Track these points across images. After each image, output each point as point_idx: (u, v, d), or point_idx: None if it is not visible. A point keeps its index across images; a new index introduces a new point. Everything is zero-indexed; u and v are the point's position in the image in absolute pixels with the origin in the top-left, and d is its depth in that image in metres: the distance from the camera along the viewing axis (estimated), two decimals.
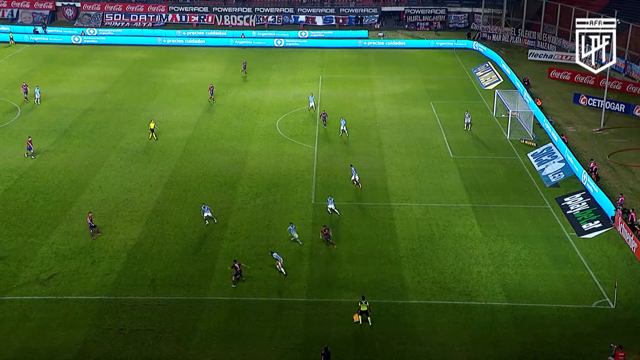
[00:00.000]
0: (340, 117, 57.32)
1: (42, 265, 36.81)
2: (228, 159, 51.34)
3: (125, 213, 42.71)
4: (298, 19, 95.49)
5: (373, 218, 42.82)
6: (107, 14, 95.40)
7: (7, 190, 45.22)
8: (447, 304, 34.36)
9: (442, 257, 38.43)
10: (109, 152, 52.19)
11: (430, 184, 47.67)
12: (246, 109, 63.00)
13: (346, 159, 51.58)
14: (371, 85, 71.59)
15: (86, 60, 79.55)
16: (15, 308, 33.12)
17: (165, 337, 31.46)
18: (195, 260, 37.76)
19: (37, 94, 61.90)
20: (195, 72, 75.37)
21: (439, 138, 56.34)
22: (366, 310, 32.44)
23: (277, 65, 78.70)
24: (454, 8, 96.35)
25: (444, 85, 71.80)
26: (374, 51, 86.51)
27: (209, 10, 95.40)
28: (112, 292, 34.66)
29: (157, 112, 61.51)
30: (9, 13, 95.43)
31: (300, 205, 44.27)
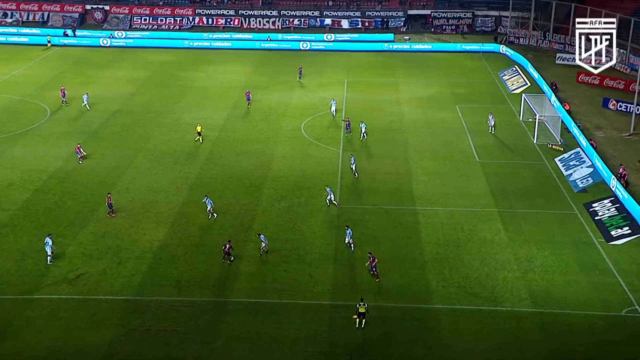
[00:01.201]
0: (360, 121, 57.30)
1: (70, 265, 37.28)
2: (254, 161, 51.56)
3: (151, 214, 43.09)
4: (324, 22, 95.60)
5: (398, 222, 42.68)
6: (135, 16, 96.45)
7: (37, 190, 45.90)
8: (472, 309, 34.10)
9: (467, 262, 38.17)
10: (136, 153, 52.73)
11: (455, 188, 47.39)
12: (272, 112, 63.23)
13: (371, 162, 51.54)
14: (397, 89, 71.41)
15: (114, 63, 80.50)
16: (44, 307, 33.59)
17: (191, 338, 31.66)
18: (220, 262, 37.92)
19: (85, 100, 61.88)
20: (222, 75, 75.86)
21: (465, 142, 56.00)
22: (364, 312, 32.26)
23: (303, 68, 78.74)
24: (480, 11, 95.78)
25: (470, 88, 71.38)
26: (400, 54, 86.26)
27: (236, 13, 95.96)
28: (138, 292, 34.98)
29: (184, 114, 62.03)
30: (40, 16, 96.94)
31: (324, 208, 44.27)
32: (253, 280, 36.21)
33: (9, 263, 37.23)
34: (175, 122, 60.19)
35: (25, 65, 78.33)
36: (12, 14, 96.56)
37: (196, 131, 55.67)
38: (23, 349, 30.64)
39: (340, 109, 63.82)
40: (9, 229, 40.84)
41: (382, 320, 33.17)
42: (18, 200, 44.45)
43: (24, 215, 42.48)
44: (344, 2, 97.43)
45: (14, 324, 32.18)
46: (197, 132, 55.51)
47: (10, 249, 38.60)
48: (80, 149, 50.71)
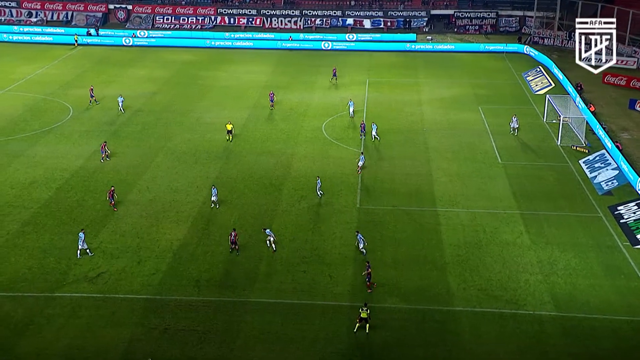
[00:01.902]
0: (372, 122, 57.21)
1: (90, 263, 37.62)
2: (274, 161, 51.65)
3: (171, 213, 43.34)
4: (346, 22, 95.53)
5: (418, 223, 42.50)
6: (157, 16, 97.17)
7: (59, 189, 46.39)
8: (493, 312, 33.85)
9: (488, 265, 37.89)
10: (156, 152, 53.09)
11: (477, 190, 47.09)
12: (292, 112, 63.31)
13: (392, 164, 51.39)
14: (418, 89, 71.14)
15: (136, 62, 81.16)
16: (65, 305, 33.92)
17: (209, 338, 31.78)
18: (239, 262, 38.05)
19: (121, 102, 61.69)
20: (243, 75, 76.14)
21: (487, 143, 55.62)
22: (366, 318, 31.99)
23: (324, 68, 78.83)
24: (504, 11, 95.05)
25: (493, 89, 70.89)
26: (422, 55, 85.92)
27: (257, 12, 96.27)
28: (157, 291, 35.19)
29: (205, 113, 62.35)
30: (64, 15, 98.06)
31: (345, 209, 44.23)
32: (272, 280, 36.27)
33: (30, 261, 37.67)
34: (196, 121, 60.51)
35: (49, 64, 79.27)
36: (37, 14, 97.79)
37: (227, 129, 56.08)
38: (44, 346, 30.97)
39: (361, 110, 63.75)
40: (31, 227, 41.33)
41: (401, 323, 33.05)
42: (40, 198, 44.96)
43: (46, 214, 42.96)
44: (366, 2, 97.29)
45: (35, 322, 32.53)
46: (228, 130, 55.92)
47: (32, 247, 39.05)
48: (105, 148, 51.18)
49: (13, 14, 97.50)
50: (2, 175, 48.23)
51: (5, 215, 42.56)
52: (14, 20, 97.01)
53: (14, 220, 41.97)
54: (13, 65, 77.94)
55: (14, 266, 37.05)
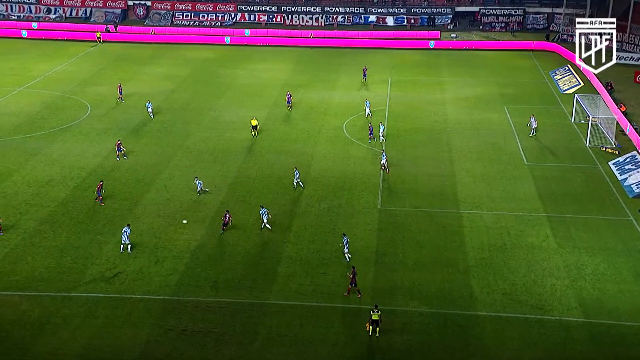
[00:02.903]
0: (380, 122, 57.15)
1: (107, 263, 37.97)
2: (293, 161, 51.73)
3: (189, 213, 43.59)
4: (368, 19, 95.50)
5: (441, 225, 42.33)
6: (176, 12, 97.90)
7: (76, 187, 46.88)
8: (518, 317, 33.60)
9: (513, 268, 37.63)
10: (175, 151, 53.45)
11: (502, 192, 46.79)
12: (313, 111, 63.39)
13: (415, 164, 51.26)
14: (442, 88, 70.87)
15: (155, 59, 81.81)
16: (81, 304, 34.26)
17: (227, 339, 31.91)
18: (258, 263, 38.17)
19: (149, 107, 60.29)
20: (263, 73, 76.40)
21: (513, 144, 55.25)
22: (377, 320, 31.88)
23: (345, 66, 78.92)
24: (532, 8, 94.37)
25: (520, 88, 70.42)
26: (446, 53, 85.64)
27: (278, 9, 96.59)
28: (174, 292, 35.41)
29: (223, 112, 62.66)
30: (83, 12, 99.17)
31: (365, 210, 44.19)
32: (291, 282, 36.33)
33: (47, 260, 38.11)
34: (215, 119, 60.85)
35: (67, 61, 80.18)
36: (56, 10, 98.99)
37: (251, 125, 56.47)
38: (60, 346, 31.28)
39: (383, 109, 63.69)
40: (47, 225, 41.81)
41: (423, 327, 32.94)
42: (57, 196, 45.47)
43: (63, 212, 43.44)
44: None
45: (51, 322, 32.87)
46: (253, 126, 56.33)
47: (49, 246, 39.49)
48: (121, 146, 51.64)
49: (32, 11, 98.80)
50: (19, 173, 48.87)
51: (23, 213, 43.11)
52: (32, 16, 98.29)
53: (31, 218, 42.49)
54: (32, 62, 78.96)
55: (30, 265, 37.50)
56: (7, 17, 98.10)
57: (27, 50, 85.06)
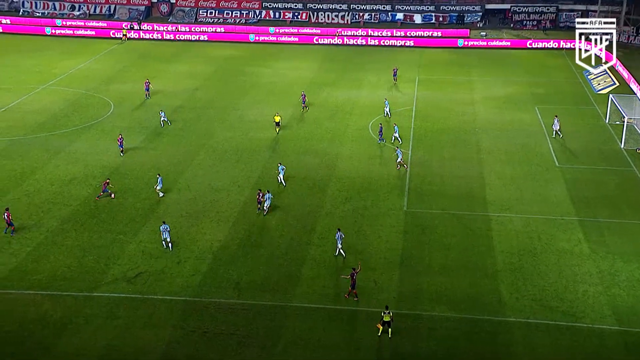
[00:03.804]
0: (393, 124, 57.04)
1: (129, 263, 38.32)
2: (318, 161, 51.78)
3: (212, 213, 43.84)
4: (395, 17, 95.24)
5: (469, 228, 42.08)
6: (200, 10, 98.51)
7: (99, 186, 47.30)
8: (548, 323, 33.26)
9: (543, 273, 37.27)
10: (197, 150, 53.78)
11: (532, 194, 46.37)
12: (338, 110, 63.40)
13: (442, 165, 51.02)
14: (471, 88, 70.46)
15: (178, 57, 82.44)
16: (103, 305, 34.62)
17: (249, 342, 32.03)
18: (281, 265, 38.27)
19: (163, 116, 58.78)
20: (288, 71, 76.58)
21: (544, 145, 54.75)
22: (389, 321, 31.94)
23: (371, 65, 78.83)
24: (565, 5, 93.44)
25: (552, 88, 69.75)
26: (476, 51, 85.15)
27: (304, 7, 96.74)
28: (196, 293, 35.62)
29: (247, 111, 62.91)
30: (107, 9, 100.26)
31: (391, 211, 44.08)
32: (314, 284, 36.36)
33: (69, 259, 38.56)
34: (239, 118, 61.12)
35: (91, 58, 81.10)
36: (80, 7, 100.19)
37: (275, 121, 56.79)
38: (82, 346, 31.64)
39: (410, 109, 63.49)
40: (70, 224, 42.32)
41: (449, 332, 32.77)
42: (80, 195, 46.00)
43: (85, 211, 43.93)
44: None
45: (73, 322, 33.26)
46: (276, 123, 56.67)
47: (72, 245, 39.96)
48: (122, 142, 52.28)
49: (56, 7, 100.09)
50: (42, 171, 49.53)
51: (45, 212, 43.69)
52: (57, 13, 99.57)
53: (54, 217, 43.04)
54: (55, 60, 80.00)
55: (53, 264, 37.99)
56: (32, 14, 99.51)
57: (51, 47, 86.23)
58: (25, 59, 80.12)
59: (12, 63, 78.49)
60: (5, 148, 53.54)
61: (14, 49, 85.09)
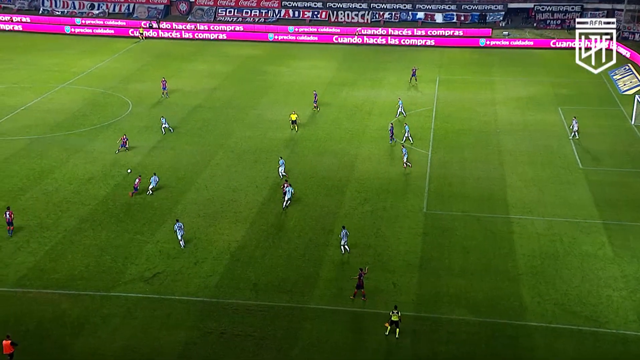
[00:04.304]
0: (404, 123, 56.95)
1: (147, 263, 38.56)
2: (337, 161, 51.77)
3: (229, 214, 43.98)
4: (416, 16, 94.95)
5: (490, 231, 41.85)
6: (219, 9, 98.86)
7: (117, 185, 47.73)
8: (571, 328, 32.99)
9: (566, 277, 36.97)
10: (216, 150, 53.99)
11: (555, 197, 46.02)
12: (357, 110, 63.35)
13: (463, 166, 50.79)
14: (493, 88, 70.08)
15: (197, 56, 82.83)
16: (120, 305, 34.87)
17: (267, 344, 32.08)
18: (299, 266, 38.30)
19: (164, 123, 57.22)
20: (307, 70, 76.66)
21: (567, 147, 54.31)
22: (397, 321, 32.08)
23: (392, 64, 78.69)
24: (590, 4, 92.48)
25: (575, 89, 69.18)
26: (498, 51, 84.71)
27: (323, 5, 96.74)
28: (214, 294, 35.75)
29: (266, 110, 63.04)
30: (126, 8, 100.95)
31: (410, 213, 43.96)
32: (332, 286, 36.35)
33: (87, 259, 38.88)
34: (257, 118, 61.28)
35: (110, 57, 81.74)
36: (99, 6, 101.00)
37: (290, 119, 57.10)
38: (99, 346, 31.90)
39: (430, 109, 63.32)
40: (88, 224, 42.66)
41: (469, 336, 32.61)
42: (98, 194, 46.37)
43: (103, 211, 44.27)
44: None
45: (91, 321, 33.53)
46: (292, 121, 57.04)
47: (89, 245, 40.29)
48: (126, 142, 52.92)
49: (76, 6, 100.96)
50: (60, 170, 49.99)
51: (64, 211, 44.09)
52: (76, 12, 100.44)
53: (72, 216, 43.42)
54: (75, 59, 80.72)
55: (70, 263, 38.32)
56: (52, 13, 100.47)
57: (70, 46, 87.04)
58: (44, 58, 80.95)
59: (32, 62, 79.33)
60: (24, 147, 54.12)
61: (34, 47, 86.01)
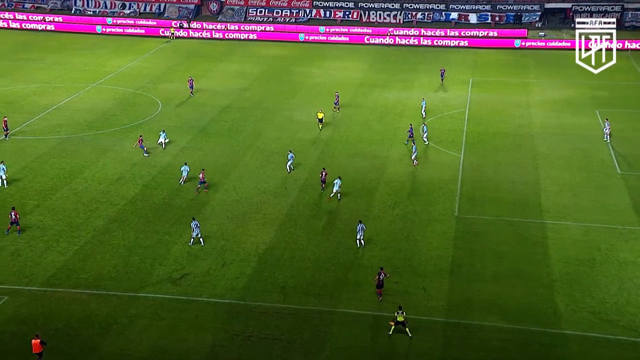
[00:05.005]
0: (422, 124, 56.84)
1: (175, 264, 38.84)
2: (367, 163, 51.67)
3: (258, 216, 44.12)
4: (450, 16, 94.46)
5: (523, 236, 41.41)
6: (250, 8, 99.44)
7: (145, 186, 48.18)
8: (608, 338, 32.46)
9: (603, 285, 36.40)
10: (245, 151, 54.22)
11: (591, 202, 45.39)
12: (388, 112, 63.18)
13: (496, 170, 50.37)
14: (528, 90, 69.42)
15: (227, 56, 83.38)
16: (148, 305, 35.16)
17: (294, 347, 32.09)
18: (328, 269, 38.26)
19: (163, 137, 54.79)
20: (337, 71, 76.68)
21: (605, 151, 53.55)
22: (402, 321, 32.16)
23: (424, 65, 78.37)
24: (632, 4, 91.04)
25: (614, 91, 68.26)
26: (534, 52, 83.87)
27: (355, 5, 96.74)
28: (241, 296, 35.86)
29: (296, 111, 63.18)
30: (157, 7, 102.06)
31: (442, 217, 43.69)
32: (361, 290, 36.24)
33: (115, 259, 39.29)
34: (287, 119, 61.44)
35: (140, 57, 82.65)
36: (130, 5, 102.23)
37: (317, 118, 57.18)
38: (126, 347, 32.17)
39: (463, 111, 62.90)
40: (116, 224, 43.12)
41: (501, 343, 32.27)
42: (127, 195, 46.85)
43: (132, 211, 44.71)
44: None
45: (118, 322, 33.84)
46: (319, 119, 57.05)
47: (118, 245, 40.71)
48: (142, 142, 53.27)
49: (107, 6, 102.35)
50: (90, 170, 50.61)
51: (93, 210, 44.63)
52: (107, 12, 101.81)
53: (101, 216, 43.93)
54: (105, 58, 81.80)
55: (99, 263, 38.76)
56: (83, 13, 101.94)
57: (102, 45, 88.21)
58: (76, 57, 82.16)
59: (64, 61, 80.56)
60: (55, 146, 54.93)
61: (66, 47, 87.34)
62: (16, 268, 38.06)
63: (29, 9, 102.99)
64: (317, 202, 45.78)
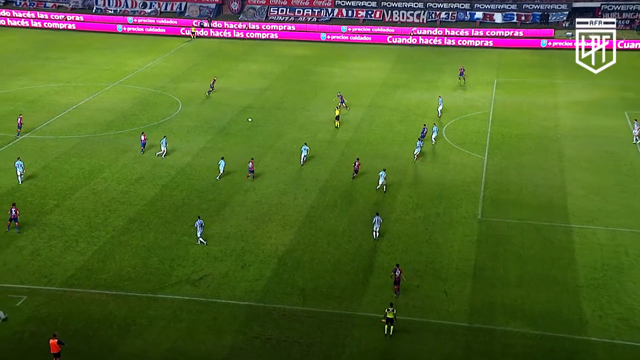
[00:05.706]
0: (433, 124, 56.74)
1: (193, 265, 39.03)
2: (389, 165, 51.51)
3: (277, 217, 44.21)
4: (474, 16, 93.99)
5: (548, 240, 41.10)
6: (271, 7, 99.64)
7: (164, 186, 48.48)
8: (636, 346, 32.11)
9: (631, 291, 36.02)
10: (265, 151, 54.36)
11: (619, 206, 44.94)
12: (411, 113, 63.02)
13: (521, 173, 50.06)
14: (554, 91, 68.91)
15: (248, 56, 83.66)
16: (167, 307, 35.36)
17: (313, 351, 32.11)
18: (348, 272, 38.24)
19: (164, 144, 53.41)
20: (359, 71, 76.64)
21: (633, 153, 53.01)
22: (392, 318, 32.32)
23: (448, 66, 78.06)
24: None
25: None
26: (560, 52, 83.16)
27: (378, 5, 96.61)
28: (260, 298, 35.97)
29: (317, 112, 63.21)
30: (177, 7, 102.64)
31: (464, 220, 43.49)
32: (382, 293, 36.18)
33: (134, 259, 39.58)
34: (308, 120, 61.50)
35: (161, 56, 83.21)
36: (151, 4, 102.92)
37: (335, 114, 57.61)
38: (145, 348, 32.41)
39: (487, 112, 62.57)
40: (136, 224, 43.43)
41: (526, 349, 32.07)
42: (146, 195, 47.18)
43: (152, 211, 45.01)
44: None
45: (137, 323, 34.09)
46: (336, 116, 57.24)
47: (137, 245, 41.01)
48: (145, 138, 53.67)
49: (128, 5, 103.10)
50: (110, 170, 51.04)
51: (112, 211, 44.99)
52: (128, 11, 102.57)
53: (120, 216, 44.28)
54: (126, 57, 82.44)
55: (118, 264, 39.07)
56: (104, 12, 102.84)
57: (122, 45, 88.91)
58: (96, 57, 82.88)
59: (84, 60, 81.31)
60: (75, 146, 55.46)
61: (87, 46, 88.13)
62: (35, 268, 38.49)
63: (51, 8, 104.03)
64: (337, 204, 45.77)
